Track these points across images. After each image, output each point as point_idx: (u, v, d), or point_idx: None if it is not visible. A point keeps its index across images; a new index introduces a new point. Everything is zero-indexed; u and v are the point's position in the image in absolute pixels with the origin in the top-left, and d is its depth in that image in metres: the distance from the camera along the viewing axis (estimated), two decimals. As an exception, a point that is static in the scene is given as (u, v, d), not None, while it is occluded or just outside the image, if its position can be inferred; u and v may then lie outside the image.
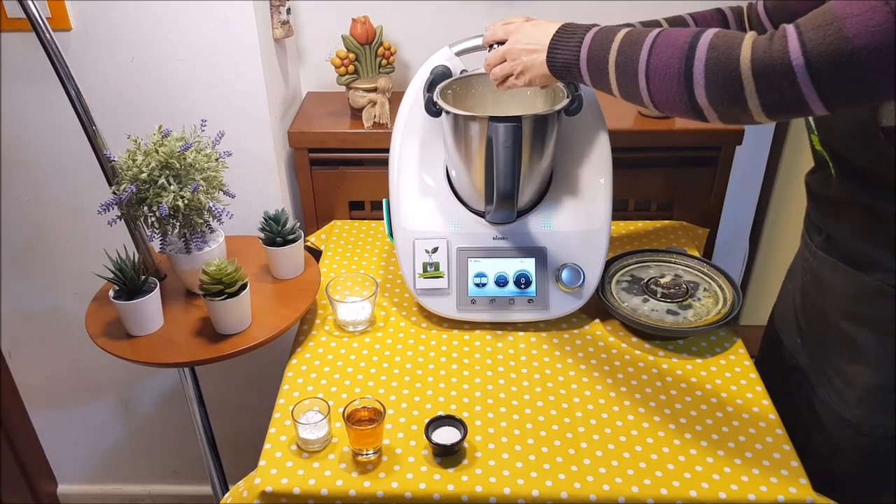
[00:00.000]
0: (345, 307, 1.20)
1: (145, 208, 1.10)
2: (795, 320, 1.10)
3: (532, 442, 0.99)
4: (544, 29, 0.95)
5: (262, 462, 0.98)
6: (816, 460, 1.01)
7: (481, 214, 1.20)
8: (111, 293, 1.11)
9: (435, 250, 1.19)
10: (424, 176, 1.22)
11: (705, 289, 1.24)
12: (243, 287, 1.11)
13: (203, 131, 1.15)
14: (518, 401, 1.06)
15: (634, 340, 1.18)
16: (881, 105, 0.81)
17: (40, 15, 1.07)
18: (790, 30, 0.71)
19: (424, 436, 0.97)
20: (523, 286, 1.18)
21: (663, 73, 0.80)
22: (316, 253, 1.45)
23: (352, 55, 1.45)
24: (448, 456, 0.97)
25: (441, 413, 1.03)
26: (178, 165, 1.09)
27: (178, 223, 1.13)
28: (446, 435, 0.98)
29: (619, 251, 1.34)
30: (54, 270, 1.58)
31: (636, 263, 1.30)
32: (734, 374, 1.11)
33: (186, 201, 1.09)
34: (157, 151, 1.08)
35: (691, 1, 1.47)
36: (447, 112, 1.10)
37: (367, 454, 0.97)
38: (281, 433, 1.02)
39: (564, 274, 1.17)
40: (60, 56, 1.10)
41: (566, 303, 1.19)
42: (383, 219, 1.44)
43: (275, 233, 1.23)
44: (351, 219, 1.55)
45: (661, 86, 0.81)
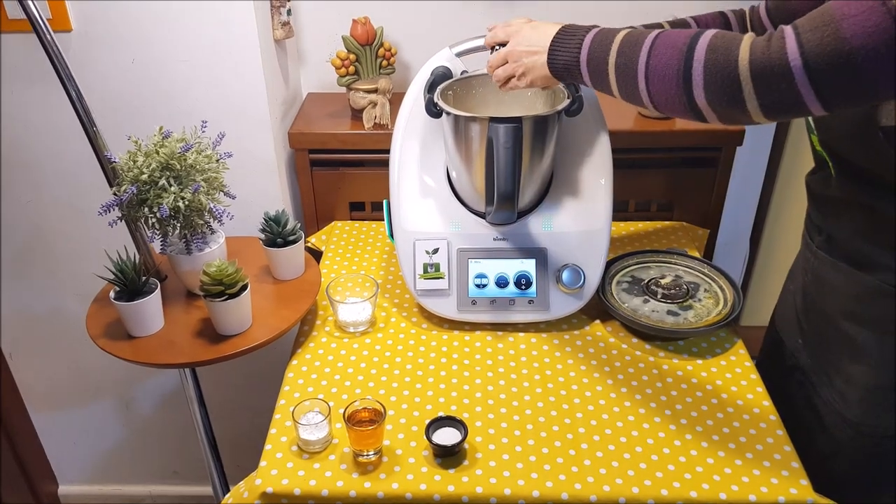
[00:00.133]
0: (345, 308, 1.20)
1: (146, 209, 1.10)
2: (797, 320, 1.10)
3: (533, 443, 0.99)
4: (544, 31, 0.96)
5: (263, 463, 0.98)
6: (817, 460, 1.01)
7: (482, 215, 1.20)
8: (112, 294, 1.11)
9: (435, 251, 1.19)
10: (425, 177, 1.22)
11: (706, 289, 1.24)
12: (244, 288, 1.11)
13: (203, 132, 1.15)
14: (519, 402, 1.06)
15: (635, 341, 1.18)
16: (880, 105, 0.82)
17: (41, 16, 1.07)
18: (788, 31, 0.71)
19: (425, 437, 0.97)
20: (524, 287, 1.18)
21: (662, 75, 0.80)
22: (316, 254, 1.45)
23: (352, 56, 1.45)
24: (448, 457, 0.97)
25: (441, 414, 1.03)
26: (179, 166, 1.09)
27: (179, 224, 1.13)
28: (447, 436, 0.98)
29: (620, 252, 1.34)
30: (55, 271, 1.59)
31: (637, 264, 1.30)
32: (735, 375, 1.11)
33: (187, 202, 1.09)
34: (158, 153, 1.09)
35: (691, 1, 1.48)
36: (448, 113, 1.10)
37: (368, 455, 0.97)
38: (281, 434, 1.02)
39: (565, 275, 1.17)
40: (61, 57, 1.10)
41: (567, 303, 1.19)
42: (384, 220, 1.44)
43: (275, 234, 1.23)
44: (351, 220, 1.55)
45: (661, 87, 0.81)
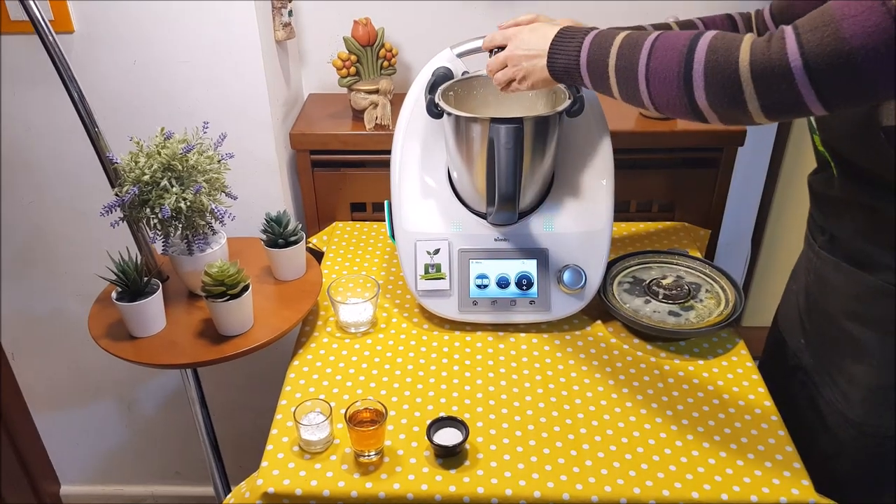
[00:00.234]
0: (346, 308, 1.20)
1: (148, 210, 1.10)
2: (799, 320, 1.10)
3: (534, 443, 0.99)
4: (543, 33, 0.95)
5: (265, 463, 0.98)
6: (820, 461, 1.01)
7: (483, 216, 1.20)
8: (114, 295, 1.11)
9: (436, 252, 1.19)
10: (426, 177, 1.22)
11: (707, 290, 1.24)
12: (245, 288, 1.11)
13: (205, 133, 1.15)
14: (520, 402, 1.06)
15: (636, 342, 1.18)
16: (881, 105, 0.82)
17: (43, 17, 1.07)
18: (788, 31, 0.71)
19: (426, 437, 0.97)
20: (525, 287, 1.18)
21: (663, 77, 0.80)
22: (318, 254, 1.45)
23: (353, 57, 1.45)
24: (450, 457, 0.97)
25: (443, 414, 1.03)
26: (181, 167, 1.09)
27: (181, 225, 1.13)
28: (448, 436, 0.98)
29: (621, 252, 1.34)
30: (56, 272, 1.59)
31: (638, 265, 1.30)
32: (736, 376, 1.11)
33: (189, 203, 1.10)
34: (160, 153, 1.09)
35: (691, 1, 1.48)
36: (449, 114, 1.10)
37: (369, 455, 0.97)
38: (283, 434, 1.02)
39: (566, 275, 1.17)
40: (63, 58, 1.10)
41: (568, 304, 1.19)
42: (385, 220, 1.44)
43: (277, 234, 1.23)
44: (352, 220, 1.55)
45: (662, 89, 0.81)
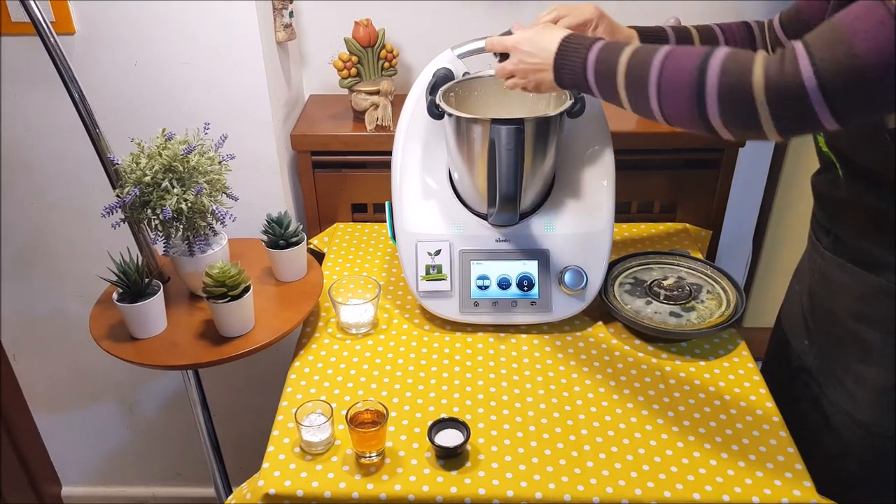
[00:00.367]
0: (347, 309, 1.20)
1: (149, 211, 1.10)
2: (803, 321, 1.09)
3: (535, 444, 0.99)
4: (545, 44, 0.94)
5: (266, 464, 0.98)
6: (824, 461, 1.00)
7: (484, 217, 1.20)
8: (115, 296, 1.11)
9: (437, 253, 1.19)
10: (427, 178, 1.22)
11: (708, 291, 1.24)
12: (246, 290, 1.11)
13: (206, 134, 1.15)
14: (521, 403, 1.06)
15: (637, 343, 1.18)
16: None
17: (44, 18, 1.07)
18: (800, 50, 0.71)
19: (427, 438, 0.97)
20: (526, 288, 1.18)
21: (675, 98, 0.80)
22: (319, 255, 1.45)
23: (354, 58, 1.45)
24: (451, 458, 0.97)
25: (444, 415, 1.03)
26: (182, 168, 1.09)
27: (182, 226, 1.13)
28: (449, 437, 0.98)
29: (622, 253, 1.33)
30: (57, 273, 1.59)
31: (639, 266, 1.30)
32: (738, 377, 1.11)
33: (190, 204, 1.10)
34: (161, 154, 1.09)
35: (691, 1, 1.48)
36: (449, 114, 1.10)
37: (370, 456, 0.97)
38: (284, 435, 1.02)
39: (567, 276, 1.17)
40: (64, 59, 1.10)
41: (569, 305, 1.19)
42: (386, 221, 1.44)
43: (278, 235, 1.23)
44: (353, 221, 1.55)
45: (674, 109, 0.81)
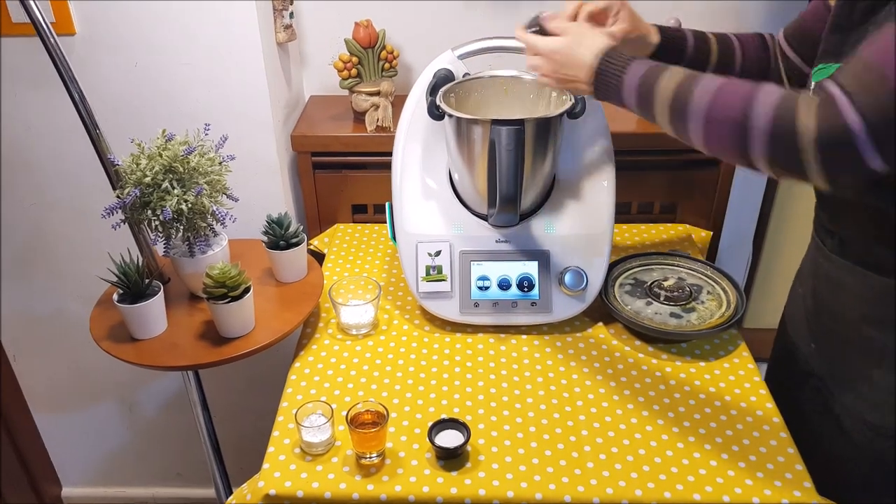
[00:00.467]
0: (348, 310, 1.20)
1: (149, 212, 1.10)
2: (808, 325, 1.08)
3: (535, 445, 0.99)
4: (582, 57, 0.93)
5: (266, 465, 0.98)
6: (836, 465, 1.00)
7: (484, 218, 1.20)
8: (115, 296, 1.11)
9: (438, 253, 1.19)
10: (427, 179, 1.22)
11: (709, 292, 1.24)
12: (247, 290, 1.11)
13: (206, 135, 1.15)
14: (521, 404, 1.06)
15: (638, 343, 1.18)
16: None
17: (44, 19, 1.07)
18: (839, 97, 0.72)
19: (428, 439, 0.97)
20: (526, 289, 1.18)
21: (721, 134, 0.80)
22: (319, 256, 1.45)
23: (354, 59, 1.45)
24: (451, 459, 0.97)
25: (444, 416, 1.03)
26: (182, 169, 1.09)
27: (182, 227, 1.13)
28: (449, 438, 0.98)
29: (622, 254, 1.33)
30: (57, 274, 1.59)
31: (639, 266, 1.30)
32: (738, 378, 1.11)
33: (190, 205, 1.10)
34: (161, 155, 1.09)
35: (691, 0, 1.48)
36: (450, 115, 1.10)
37: (371, 457, 0.97)
38: (284, 436, 1.02)
39: (567, 277, 1.17)
40: (64, 60, 1.10)
41: (569, 306, 1.19)
42: (386, 222, 1.44)
43: (278, 236, 1.23)
44: (354, 222, 1.55)
45: (718, 144, 0.82)
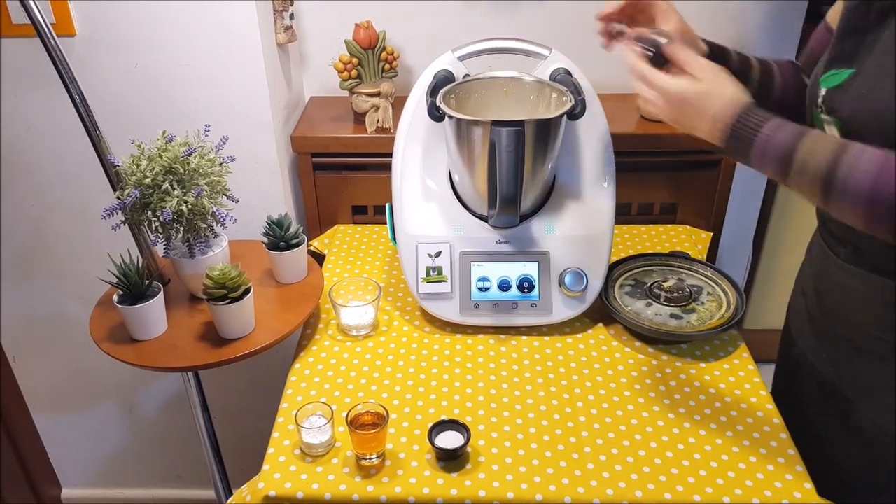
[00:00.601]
0: (348, 311, 1.20)
1: (149, 213, 1.10)
2: (815, 336, 1.06)
3: (535, 446, 0.99)
4: (715, 110, 0.85)
5: (266, 466, 0.98)
6: (851, 472, 0.99)
7: (484, 219, 1.20)
8: (115, 297, 1.11)
9: (438, 254, 1.19)
10: (427, 180, 1.22)
11: (709, 293, 1.24)
12: (247, 291, 1.11)
13: (206, 136, 1.15)
14: (521, 405, 1.06)
15: (638, 345, 1.18)
16: None
17: (44, 20, 1.07)
18: None
19: (428, 440, 0.97)
20: (526, 290, 1.18)
21: (886, 217, 0.77)
22: (319, 257, 1.45)
23: (355, 60, 1.45)
24: (451, 460, 0.97)
25: (444, 417, 1.03)
26: (182, 170, 1.09)
27: (182, 228, 1.13)
28: (450, 439, 0.98)
29: (623, 255, 1.34)
30: (57, 275, 1.59)
31: (639, 267, 1.30)
32: (738, 378, 1.11)
33: (190, 206, 1.10)
34: (161, 156, 1.09)
35: (689, 1, 1.48)
36: (450, 116, 1.10)
37: (371, 458, 0.97)
38: (284, 437, 1.02)
39: (567, 278, 1.17)
40: (65, 61, 1.10)
41: (569, 307, 1.19)
42: (386, 223, 1.44)
43: (278, 237, 1.23)
44: (354, 223, 1.55)
45: (884, 228, 0.79)
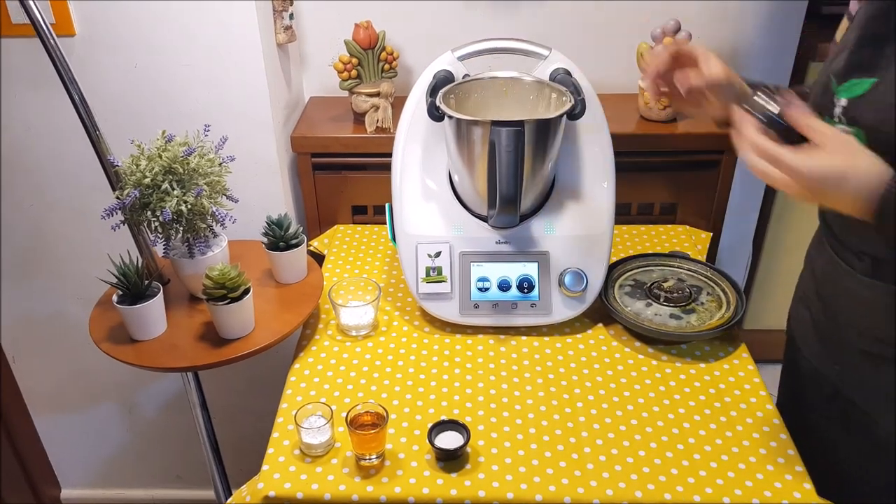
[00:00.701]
0: (347, 311, 1.20)
1: (149, 213, 1.10)
2: (825, 349, 1.04)
3: (535, 446, 0.99)
4: (855, 192, 0.78)
5: (266, 466, 0.98)
6: (872, 482, 0.99)
7: (484, 219, 1.20)
8: (115, 298, 1.11)
9: (438, 255, 1.19)
10: (427, 180, 1.22)
11: (708, 293, 1.24)
12: (246, 291, 1.11)
13: (206, 136, 1.15)
14: (521, 405, 1.06)
15: (637, 345, 1.18)
16: None
17: (44, 20, 1.07)
18: None
19: (427, 440, 0.97)
20: (526, 290, 1.18)
21: None
22: (319, 257, 1.45)
23: (354, 60, 1.45)
24: (451, 460, 0.97)
25: (444, 417, 1.03)
26: (182, 170, 1.09)
27: (182, 228, 1.13)
28: (449, 439, 0.98)
29: (622, 255, 1.34)
30: (57, 275, 1.59)
31: (639, 268, 1.30)
32: (738, 379, 1.11)
33: (190, 206, 1.10)
34: (161, 156, 1.09)
35: (691, 1, 1.48)
36: (450, 116, 1.10)
37: (370, 459, 0.97)
38: (284, 438, 1.02)
39: (567, 278, 1.17)
40: (64, 61, 1.10)
41: (569, 307, 1.19)
42: (386, 223, 1.44)
43: (278, 237, 1.23)
44: (353, 223, 1.55)
45: None
